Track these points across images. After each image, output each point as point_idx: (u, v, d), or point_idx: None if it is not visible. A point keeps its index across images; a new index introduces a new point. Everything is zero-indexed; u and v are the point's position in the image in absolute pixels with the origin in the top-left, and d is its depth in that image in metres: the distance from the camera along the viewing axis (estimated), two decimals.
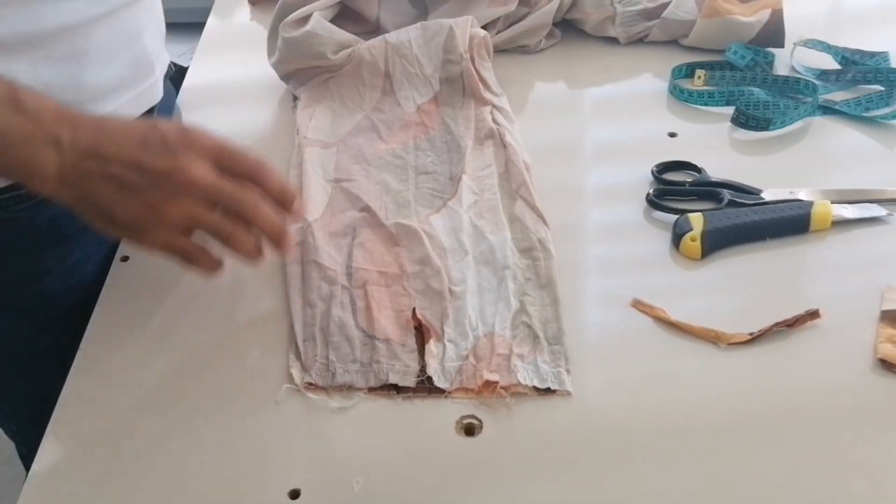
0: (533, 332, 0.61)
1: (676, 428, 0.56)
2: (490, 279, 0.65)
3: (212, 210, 0.56)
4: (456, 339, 0.60)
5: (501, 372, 0.58)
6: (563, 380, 0.58)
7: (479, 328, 0.61)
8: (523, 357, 0.59)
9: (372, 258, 0.66)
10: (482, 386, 0.57)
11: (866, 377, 0.59)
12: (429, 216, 0.70)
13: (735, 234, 0.69)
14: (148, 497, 0.53)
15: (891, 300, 0.63)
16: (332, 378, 0.58)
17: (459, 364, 0.59)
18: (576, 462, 0.54)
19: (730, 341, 0.61)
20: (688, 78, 0.88)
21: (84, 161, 0.53)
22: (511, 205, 0.71)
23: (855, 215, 0.71)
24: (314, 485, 0.53)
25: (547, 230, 0.69)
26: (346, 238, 0.68)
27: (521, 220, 0.70)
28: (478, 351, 0.60)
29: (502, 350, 0.60)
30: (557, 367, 0.59)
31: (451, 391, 0.58)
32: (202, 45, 0.96)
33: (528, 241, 0.68)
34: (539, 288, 0.64)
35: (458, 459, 0.55)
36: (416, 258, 0.66)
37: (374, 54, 0.83)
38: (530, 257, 0.66)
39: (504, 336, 0.60)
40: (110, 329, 0.63)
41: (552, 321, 0.62)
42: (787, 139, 0.80)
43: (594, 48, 0.93)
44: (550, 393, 0.58)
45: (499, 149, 0.77)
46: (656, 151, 0.79)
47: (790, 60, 0.89)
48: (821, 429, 0.56)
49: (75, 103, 0.56)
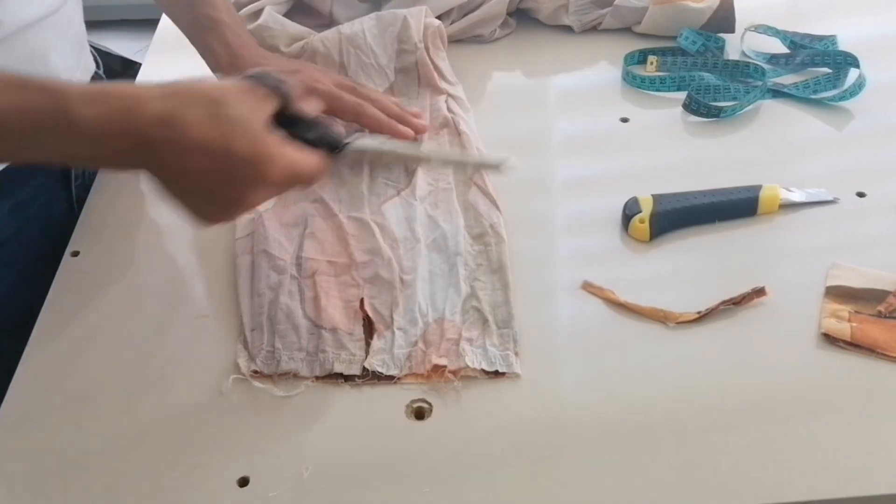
0: (482, 317, 0.61)
1: (626, 407, 0.57)
2: (441, 266, 0.65)
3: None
4: (405, 326, 0.61)
5: (450, 356, 0.58)
6: (512, 362, 0.58)
7: (430, 314, 0.61)
8: (472, 341, 0.60)
9: (322, 248, 0.66)
10: (431, 370, 0.58)
11: (811, 352, 0.60)
12: (381, 205, 0.70)
13: (684, 217, 0.69)
14: (96, 487, 0.53)
15: (835, 276, 0.64)
16: (276, 366, 0.58)
17: (408, 350, 0.59)
18: (526, 445, 0.55)
19: (678, 320, 0.61)
20: (640, 64, 0.89)
21: (151, 168, 0.51)
22: (465, 192, 0.72)
23: (802, 199, 0.72)
24: (263, 472, 0.53)
25: (499, 215, 0.69)
26: (297, 228, 0.68)
27: (474, 207, 0.70)
28: (427, 337, 0.60)
29: (452, 335, 0.60)
30: (506, 350, 0.59)
31: (401, 377, 0.58)
32: (156, 42, 0.96)
33: (481, 227, 0.68)
34: (490, 273, 0.64)
35: (408, 444, 0.55)
36: (367, 248, 0.66)
37: (328, 45, 0.83)
38: (482, 243, 0.67)
39: (454, 321, 0.61)
40: (58, 326, 0.63)
41: (502, 305, 0.62)
42: (737, 122, 0.81)
43: (549, 37, 0.94)
44: (500, 376, 0.58)
45: (454, 137, 0.77)
46: (609, 138, 0.80)
47: (741, 45, 0.90)
48: (767, 403, 0.57)
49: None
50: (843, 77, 0.84)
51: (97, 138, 0.49)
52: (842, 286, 0.63)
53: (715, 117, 0.81)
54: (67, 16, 0.71)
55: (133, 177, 0.73)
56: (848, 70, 0.84)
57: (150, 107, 0.49)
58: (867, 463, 0.53)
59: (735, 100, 0.82)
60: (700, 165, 0.76)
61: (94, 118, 0.48)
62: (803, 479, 0.52)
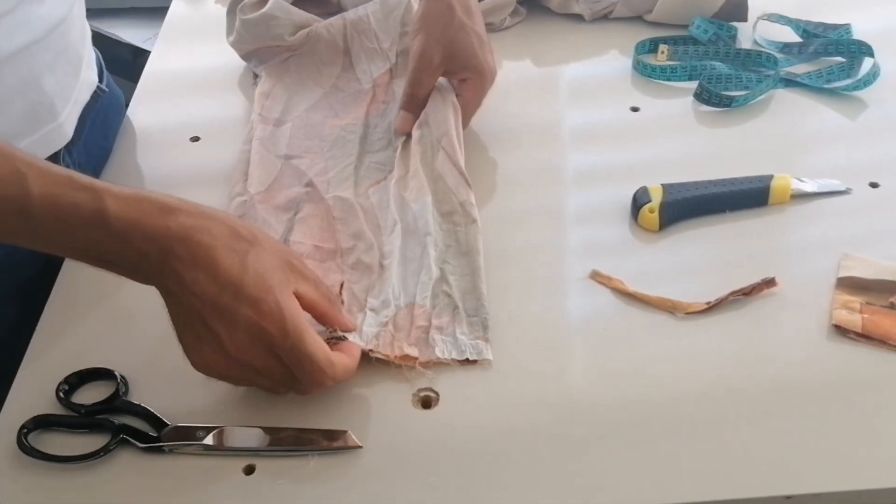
0: (453, 303, 0.61)
1: (634, 399, 0.56)
2: (414, 249, 0.65)
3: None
4: (377, 307, 0.61)
5: (420, 346, 0.58)
6: (482, 349, 0.58)
7: (402, 298, 0.61)
8: (442, 329, 0.59)
9: (310, 233, 0.66)
10: (401, 358, 0.58)
11: (822, 343, 0.59)
12: (368, 188, 0.70)
13: (694, 206, 0.69)
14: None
15: (847, 267, 0.64)
16: None
17: (377, 329, 0.59)
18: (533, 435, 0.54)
19: (687, 311, 0.61)
20: (651, 53, 0.88)
21: (165, 281, 0.51)
22: (433, 158, 0.71)
23: (814, 189, 0.71)
24: (269, 461, 0.53)
25: (469, 192, 0.68)
26: (288, 213, 0.68)
27: (443, 179, 0.69)
28: (397, 321, 0.60)
29: (422, 322, 0.60)
30: (476, 339, 0.59)
31: (372, 350, 0.57)
32: (165, 31, 0.96)
33: (450, 204, 0.67)
34: (459, 255, 0.64)
35: (415, 433, 0.55)
36: (352, 233, 0.66)
37: (332, 32, 0.83)
38: (451, 222, 0.66)
39: (424, 306, 0.61)
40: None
41: (470, 291, 0.62)
42: (749, 111, 0.80)
43: (559, 25, 0.93)
44: (472, 363, 0.58)
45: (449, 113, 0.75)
46: (619, 127, 0.79)
47: (753, 34, 0.89)
48: (777, 396, 0.56)
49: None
50: (857, 66, 0.83)
51: (123, 236, 0.50)
52: (853, 277, 0.63)
53: (726, 107, 0.80)
54: (63, 34, 0.68)
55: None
56: (862, 59, 0.83)
57: (181, 219, 0.51)
58: (878, 455, 0.53)
59: (747, 89, 0.81)
60: (711, 155, 0.76)
61: (124, 215, 0.50)
62: (814, 471, 0.52)
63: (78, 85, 0.72)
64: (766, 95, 0.81)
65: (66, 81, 0.70)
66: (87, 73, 0.74)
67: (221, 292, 0.51)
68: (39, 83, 0.66)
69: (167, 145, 0.80)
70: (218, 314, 0.51)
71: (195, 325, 0.51)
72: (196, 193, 0.56)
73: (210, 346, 0.52)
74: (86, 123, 0.73)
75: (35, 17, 0.64)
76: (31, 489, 0.52)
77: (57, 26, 0.67)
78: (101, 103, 0.77)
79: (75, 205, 0.50)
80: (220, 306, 0.51)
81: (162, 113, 0.83)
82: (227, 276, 0.51)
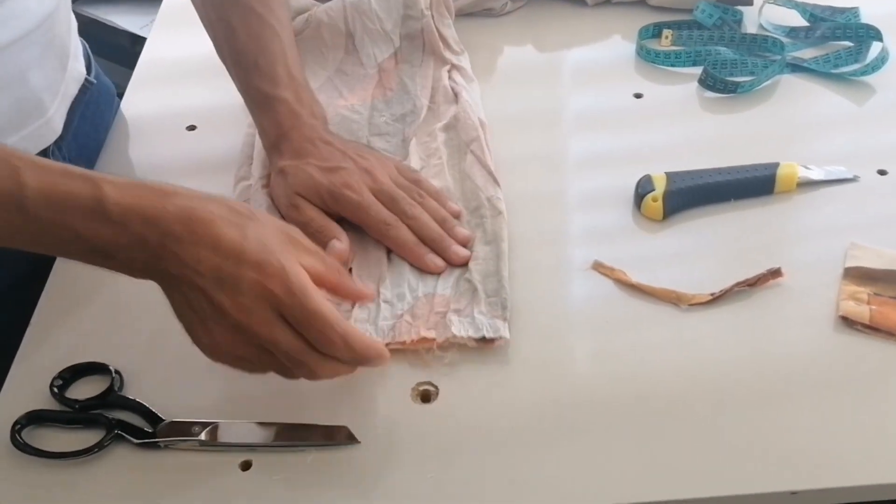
0: (472, 287, 0.60)
1: (637, 390, 0.55)
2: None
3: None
4: (392, 299, 0.60)
5: (438, 329, 0.58)
6: (499, 327, 0.57)
7: (420, 289, 0.61)
8: (460, 311, 0.59)
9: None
10: (417, 341, 0.57)
11: (829, 335, 0.58)
12: None
13: (698, 195, 0.67)
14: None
15: (854, 257, 0.62)
16: None
17: (393, 322, 0.58)
18: (534, 428, 0.54)
19: (691, 302, 0.60)
20: (655, 38, 0.86)
21: (165, 265, 0.50)
22: (461, 160, 0.70)
23: (821, 177, 0.70)
24: (266, 456, 0.53)
25: (497, 189, 0.68)
26: None
27: (470, 178, 0.69)
28: (416, 311, 0.59)
29: (440, 308, 0.59)
30: (494, 318, 0.58)
31: (388, 344, 0.56)
32: (161, 17, 0.94)
33: (477, 201, 0.67)
34: (484, 244, 0.64)
35: (414, 427, 0.54)
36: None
37: (333, 15, 0.82)
38: (478, 216, 0.66)
39: (445, 295, 0.60)
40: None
41: (493, 275, 0.61)
42: (755, 97, 0.79)
43: (561, 10, 0.91)
44: (489, 343, 0.57)
45: (450, 106, 0.76)
46: (622, 114, 0.78)
47: (759, 18, 0.87)
48: (782, 388, 0.55)
49: None
50: (865, 51, 0.82)
51: (121, 221, 0.49)
52: (861, 267, 0.61)
53: (731, 93, 0.79)
54: (50, 27, 0.67)
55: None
56: (870, 43, 0.82)
57: (178, 200, 0.50)
58: (886, 450, 0.52)
59: (752, 75, 0.80)
60: (715, 142, 0.74)
61: (122, 200, 0.49)
62: (819, 466, 0.51)
63: (65, 78, 0.71)
64: (772, 81, 0.80)
65: (54, 75, 0.69)
66: (75, 66, 0.73)
67: (223, 262, 0.49)
68: (26, 78, 0.65)
69: (163, 134, 0.79)
70: (220, 284, 0.49)
71: (199, 304, 0.50)
72: (192, 182, 0.55)
73: (216, 323, 0.50)
74: (75, 117, 0.72)
75: (23, 11, 0.63)
76: (24, 485, 0.52)
77: (45, 20, 0.65)
78: (90, 95, 0.75)
79: (72, 194, 0.49)
80: (223, 276, 0.49)
81: (158, 101, 0.82)
82: (228, 246, 0.49)
